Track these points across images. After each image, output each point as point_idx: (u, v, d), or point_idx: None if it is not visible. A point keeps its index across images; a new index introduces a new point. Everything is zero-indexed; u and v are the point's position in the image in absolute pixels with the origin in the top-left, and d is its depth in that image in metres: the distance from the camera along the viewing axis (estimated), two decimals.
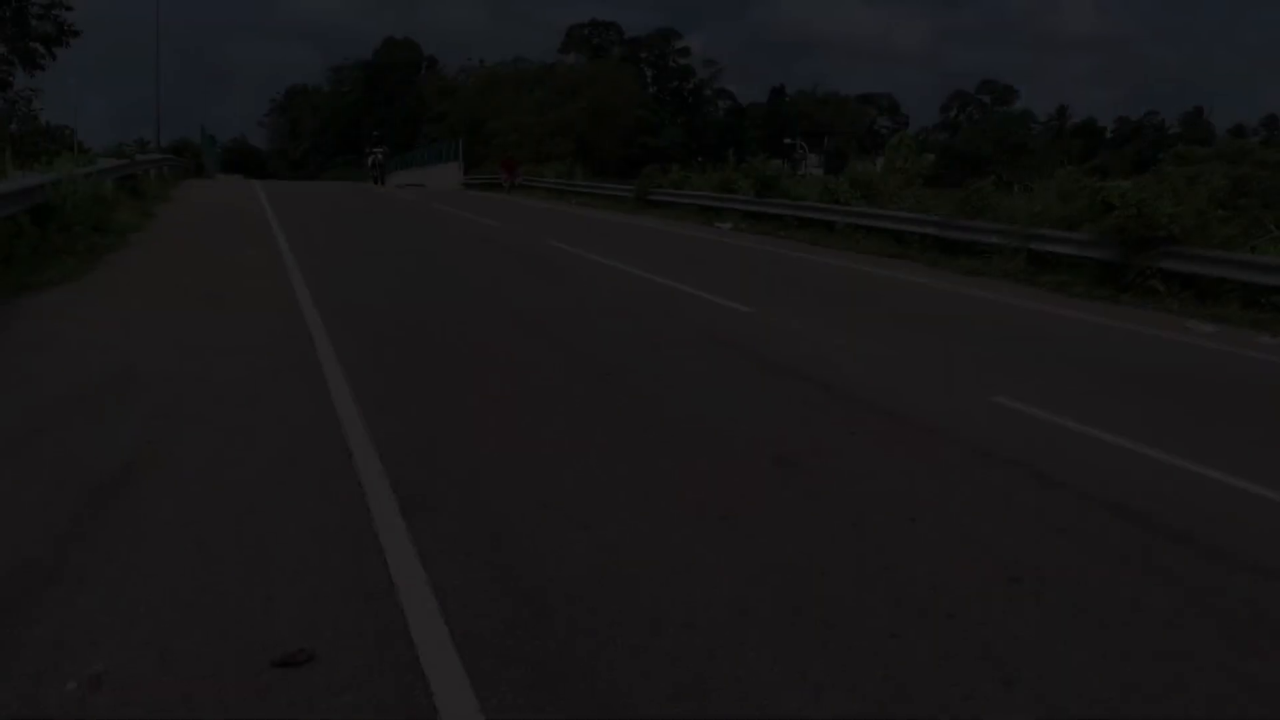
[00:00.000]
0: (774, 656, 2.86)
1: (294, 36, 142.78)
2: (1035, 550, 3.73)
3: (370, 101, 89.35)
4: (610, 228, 20.05)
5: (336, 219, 19.21)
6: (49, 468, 4.15)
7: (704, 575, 3.37)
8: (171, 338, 6.82)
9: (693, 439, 4.94)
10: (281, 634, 2.85)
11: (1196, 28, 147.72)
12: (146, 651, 2.74)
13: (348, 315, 7.93)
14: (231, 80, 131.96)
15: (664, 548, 3.59)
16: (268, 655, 2.73)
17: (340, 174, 78.72)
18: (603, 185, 31.84)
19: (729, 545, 3.64)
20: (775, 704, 2.62)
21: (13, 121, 30.21)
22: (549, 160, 45.94)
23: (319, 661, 2.72)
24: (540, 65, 79.76)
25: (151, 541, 3.46)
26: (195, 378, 5.73)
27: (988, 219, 15.17)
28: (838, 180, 20.62)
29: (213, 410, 5.11)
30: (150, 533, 3.53)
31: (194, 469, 4.21)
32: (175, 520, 3.64)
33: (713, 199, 22.98)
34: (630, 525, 3.78)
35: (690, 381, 6.19)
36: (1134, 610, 3.26)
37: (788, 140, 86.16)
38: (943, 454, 4.89)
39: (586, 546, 3.56)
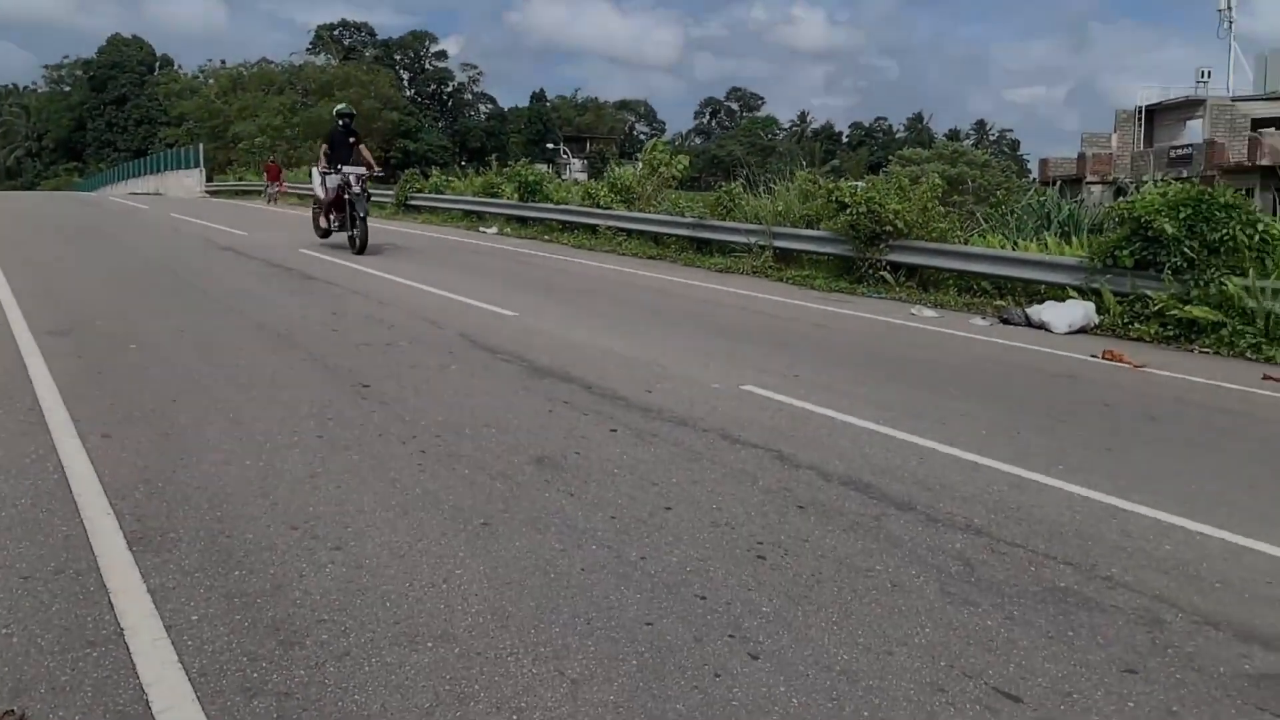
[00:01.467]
0: (534, 658, 2.86)
1: None
2: (779, 527, 3.96)
3: (97, 104, 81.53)
4: (370, 233, 19.34)
5: (58, 233, 17.35)
6: None
7: (464, 584, 3.33)
8: None
9: (455, 447, 4.86)
10: None
11: (914, 41, 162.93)
12: None
13: (71, 336, 7.18)
14: None
15: (422, 560, 3.50)
16: None
17: (63, 183, 71.08)
18: None
19: (489, 551, 3.61)
20: (533, 704, 2.62)
21: None
22: (303, 165, 43.74)
23: None
24: (288, 66, 75.83)
25: None
26: None
27: (737, 219, 15.98)
28: (598, 184, 20.99)
29: None
30: None
31: None
32: None
33: (477, 203, 22.77)
34: (386, 541, 3.66)
35: (451, 389, 6.09)
36: (865, 576, 3.54)
37: (550, 144, 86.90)
38: (696, 443, 5.09)
39: (340, 567, 3.42)
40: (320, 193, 15.02)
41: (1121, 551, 3.90)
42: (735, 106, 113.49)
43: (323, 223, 15.19)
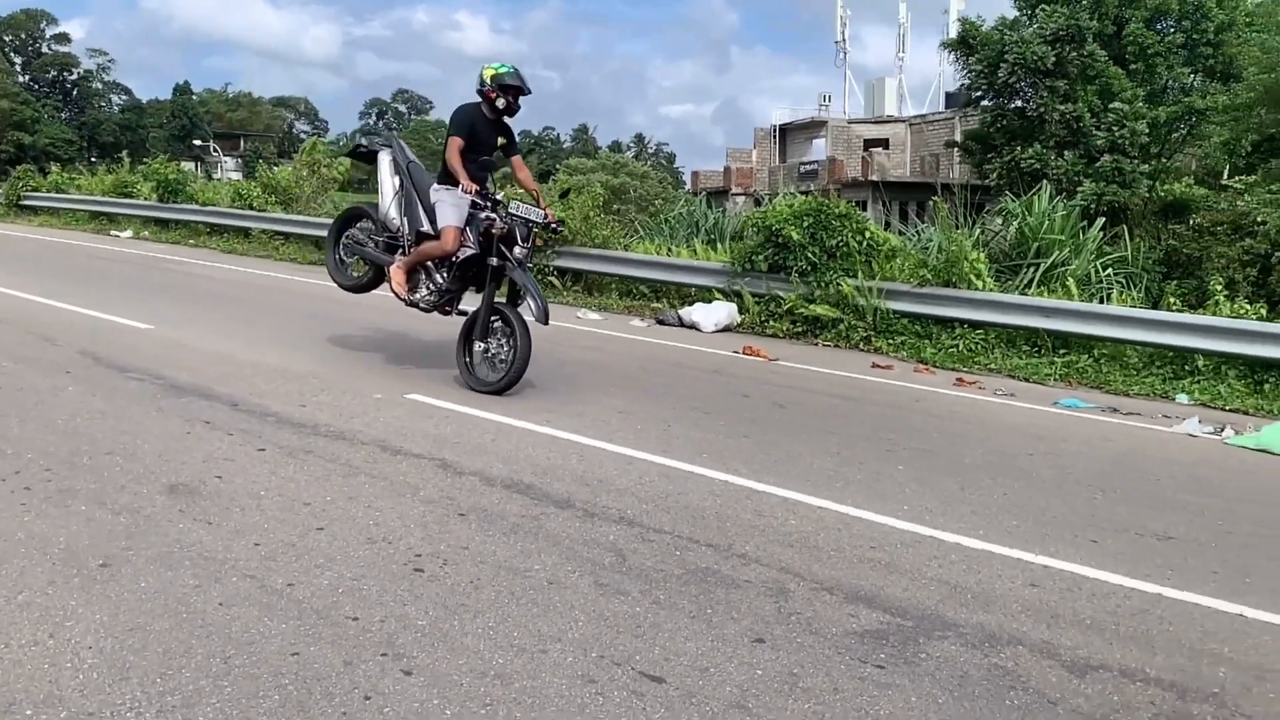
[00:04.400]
0: (158, 710, 2.58)
1: None
2: (439, 537, 3.90)
3: None
4: None
5: None
6: None
7: (75, 637, 2.93)
8: None
9: (69, 481, 4.27)
10: None
11: (576, 54, 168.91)
12: None
13: None
14: None
15: (22, 616, 3.04)
16: None
17: None
18: None
19: (108, 596, 3.21)
20: None
21: None
22: None
23: None
24: None
25: None
26: None
27: None
28: (250, 185, 19.57)
29: None
30: None
31: None
32: None
33: (107, 204, 20.32)
34: None
35: (65, 414, 5.36)
36: (523, 577, 3.58)
37: (199, 141, 79.79)
38: (353, 457, 4.88)
39: None
40: (419, 221, 6.88)
41: (755, 530, 4.28)
42: (403, 108, 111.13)
43: (428, 287, 6.97)
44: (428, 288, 6.97)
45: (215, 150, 77.69)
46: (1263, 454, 6.69)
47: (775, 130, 45.86)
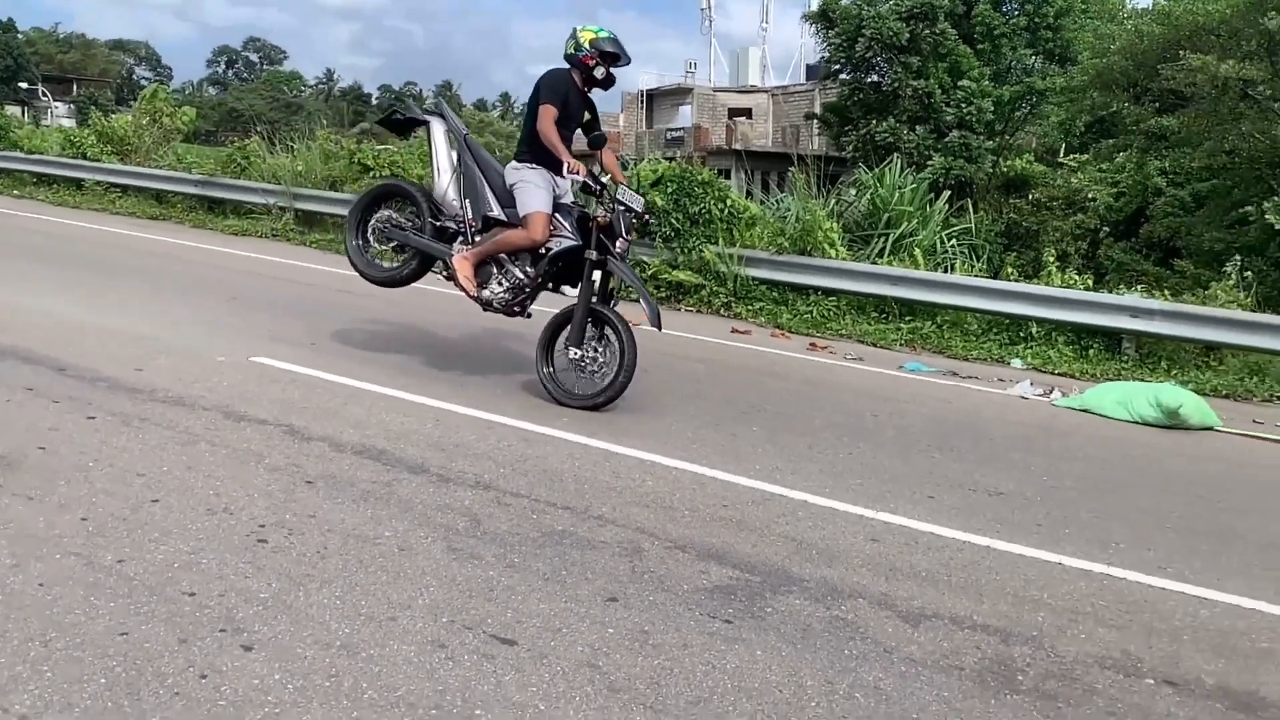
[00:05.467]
0: None
1: None
2: (285, 506, 3.76)
3: None
4: None
5: None
6: None
7: None
8: None
9: None
10: None
11: (439, 8, 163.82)
12: None
13: None
14: None
15: None
16: None
17: None
18: None
19: None
20: None
21: None
22: None
23: None
24: None
25: None
26: None
27: (253, 178, 14.89)
28: (83, 132, 18.20)
29: None
30: None
31: None
32: None
33: None
34: None
35: None
36: (373, 544, 3.50)
37: (26, 84, 73.55)
38: (194, 424, 4.65)
39: None
40: (486, 205, 5.95)
41: (612, 491, 4.32)
42: (255, 58, 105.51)
43: (501, 282, 5.93)
44: (500, 283, 5.89)
45: (45, 95, 71.78)
46: (1085, 414, 7.21)
47: (642, 95, 45.86)
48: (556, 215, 5.77)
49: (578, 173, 5.57)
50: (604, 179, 5.92)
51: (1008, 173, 22.50)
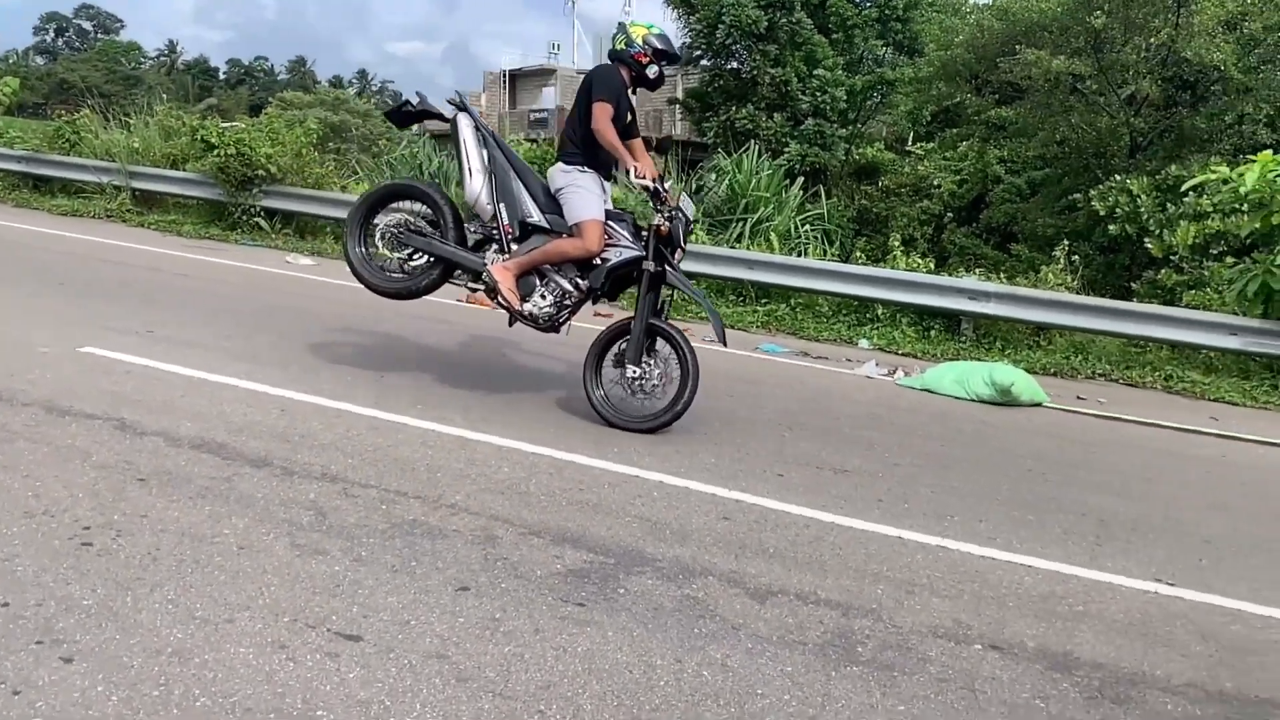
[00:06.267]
0: None
1: None
2: (113, 506, 3.55)
3: None
4: None
5: None
6: None
7: None
8: None
9: None
10: None
11: None
12: None
13: None
14: None
15: None
16: None
17: None
18: None
19: None
20: None
21: None
22: None
23: None
24: None
25: None
26: None
27: (84, 155, 13.94)
28: None
29: None
30: None
31: None
32: None
33: None
34: None
35: None
36: (210, 543, 3.34)
37: None
38: (12, 421, 4.32)
39: None
40: (524, 210, 5.50)
41: (466, 479, 4.26)
42: (88, 26, 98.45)
43: (544, 295, 5.46)
44: (544, 295, 5.41)
45: None
46: (926, 393, 7.58)
47: (505, 75, 45.23)
48: (609, 223, 5.40)
49: (645, 177, 5.28)
50: (668, 184, 5.49)
51: (859, 160, 23.31)
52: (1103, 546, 4.40)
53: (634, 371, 5.39)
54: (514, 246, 5.46)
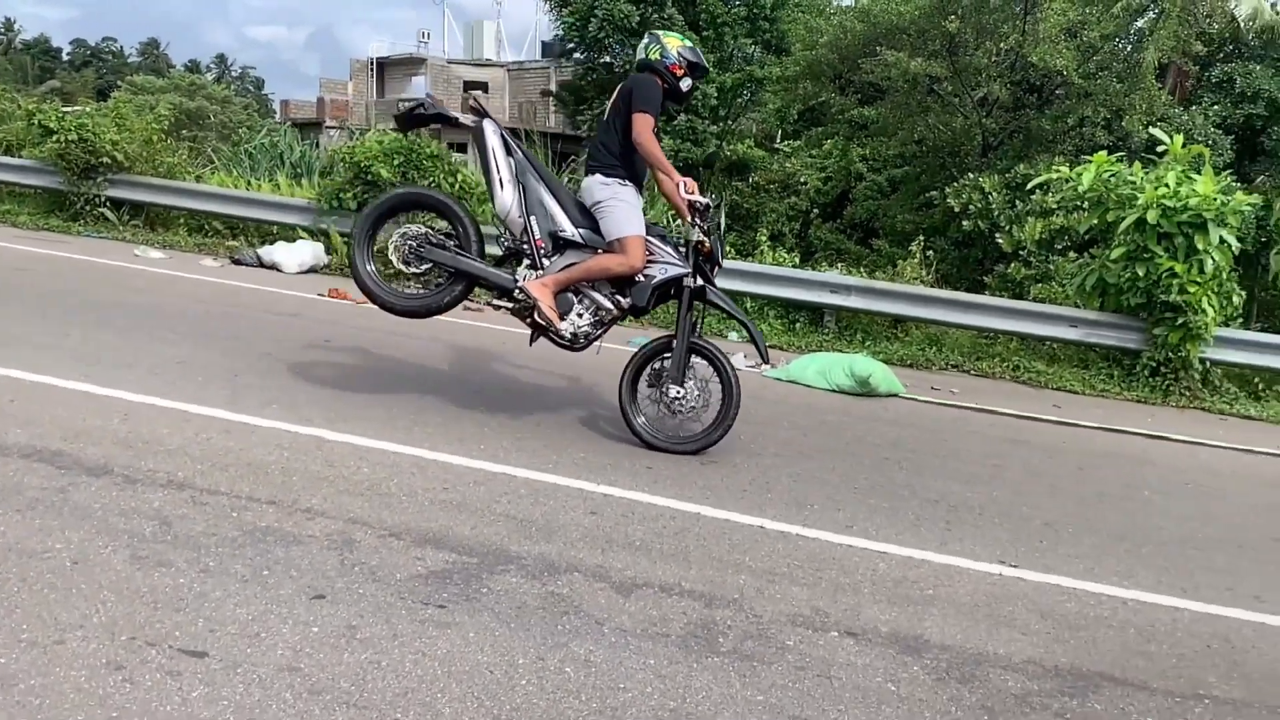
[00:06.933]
0: None
1: None
2: None
3: None
4: None
5: None
6: None
7: None
8: None
9: None
10: None
11: None
12: None
13: None
14: None
15: None
16: None
17: None
18: None
19: None
20: None
21: None
22: None
23: None
24: None
25: None
26: None
27: None
28: None
29: None
30: None
31: None
32: None
33: None
34: None
35: None
36: (40, 559, 3.13)
37: None
38: None
39: None
40: (555, 223, 5.26)
41: (323, 481, 4.12)
42: None
43: (581, 313, 5.26)
44: (581, 314, 5.21)
45: None
46: (791, 384, 7.78)
47: (373, 64, 44.00)
48: (650, 239, 5.19)
49: (693, 192, 5.10)
50: (709, 198, 5.26)
51: (730, 156, 23.71)
52: (952, 531, 4.62)
53: (677, 392, 5.26)
54: (546, 262, 5.22)
